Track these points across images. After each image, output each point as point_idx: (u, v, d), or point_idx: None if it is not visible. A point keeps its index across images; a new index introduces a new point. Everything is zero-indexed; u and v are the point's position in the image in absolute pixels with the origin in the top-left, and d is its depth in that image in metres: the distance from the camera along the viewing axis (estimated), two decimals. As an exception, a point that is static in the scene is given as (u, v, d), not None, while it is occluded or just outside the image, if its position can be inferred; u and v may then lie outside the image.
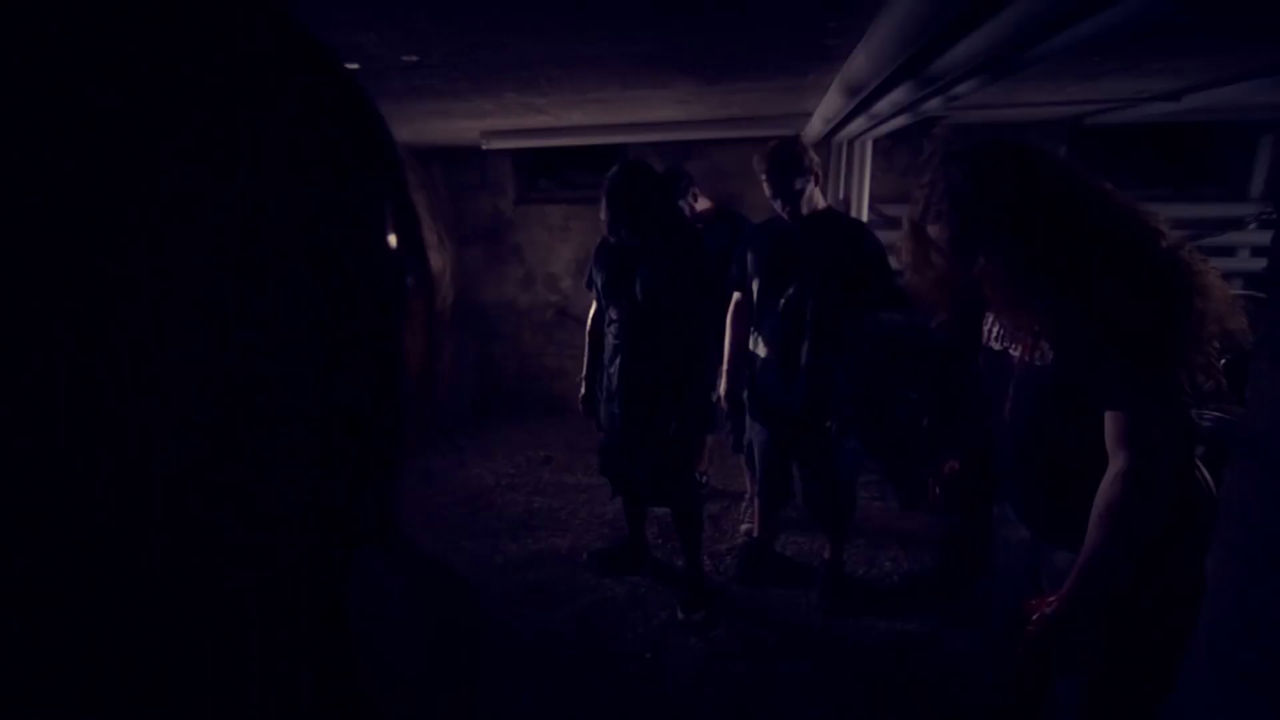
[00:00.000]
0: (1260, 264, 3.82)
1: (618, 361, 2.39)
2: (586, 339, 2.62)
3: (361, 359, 0.23)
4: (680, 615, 2.51)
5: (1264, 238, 3.80)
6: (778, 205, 2.32)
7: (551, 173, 4.82)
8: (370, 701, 0.26)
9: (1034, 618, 1.19)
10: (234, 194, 0.19)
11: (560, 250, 4.76)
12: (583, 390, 2.65)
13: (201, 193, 0.18)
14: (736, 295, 2.59)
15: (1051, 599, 1.19)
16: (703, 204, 3.12)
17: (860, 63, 1.53)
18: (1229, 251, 3.82)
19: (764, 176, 2.29)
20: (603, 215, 2.31)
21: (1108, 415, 1.19)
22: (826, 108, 2.44)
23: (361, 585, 0.28)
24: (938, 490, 1.73)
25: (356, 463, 0.25)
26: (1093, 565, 1.16)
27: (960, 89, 1.71)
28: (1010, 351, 1.39)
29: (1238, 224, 3.79)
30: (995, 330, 1.45)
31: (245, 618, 0.21)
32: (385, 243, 0.24)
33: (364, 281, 0.23)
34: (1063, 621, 1.16)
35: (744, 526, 3.12)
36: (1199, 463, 1.34)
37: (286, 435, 0.21)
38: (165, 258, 0.18)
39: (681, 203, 2.97)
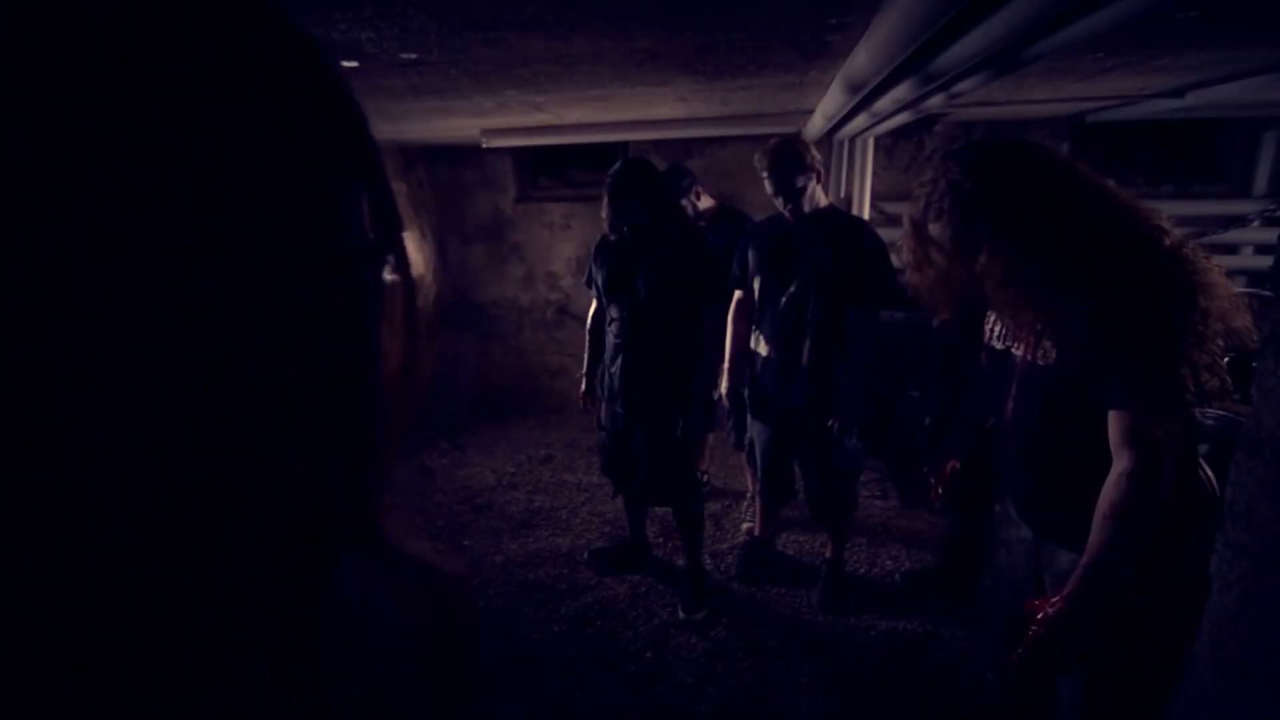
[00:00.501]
0: (1264, 261, 3.81)
1: (619, 361, 2.38)
2: (586, 337, 2.62)
3: (336, 355, 0.23)
4: (681, 614, 2.50)
5: (1268, 235, 3.78)
6: (779, 203, 2.32)
7: (552, 171, 4.82)
8: (334, 706, 0.26)
9: (1037, 618, 1.19)
10: (204, 184, 0.18)
11: (561, 249, 4.75)
12: (583, 386, 2.64)
13: (167, 182, 0.18)
14: (738, 293, 2.58)
15: (1054, 599, 1.18)
16: (705, 202, 3.11)
17: (861, 60, 1.52)
18: (1232, 249, 3.81)
19: (765, 174, 2.28)
20: (604, 213, 2.31)
21: (1111, 415, 1.18)
22: (828, 105, 2.43)
23: (351, 588, 0.27)
24: (939, 490, 1.72)
25: (335, 463, 0.24)
26: (1096, 565, 1.15)
27: (963, 86, 1.70)
28: (1013, 351, 1.39)
29: (1241, 221, 3.77)
30: (997, 330, 1.44)
31: (222, 618, 0.21)
32: (361, 235, 0.23)
33: (338, 275, 0.23)
34: (1066, 621, 1.15)
35: (745, 525, 3.12)
36: (1202, 462, 1.33)
37: (261, 431, 0.20)
38: (133, 251, 0.17)
39: (685, 201, 2.96)
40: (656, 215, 2.27)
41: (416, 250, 0.28)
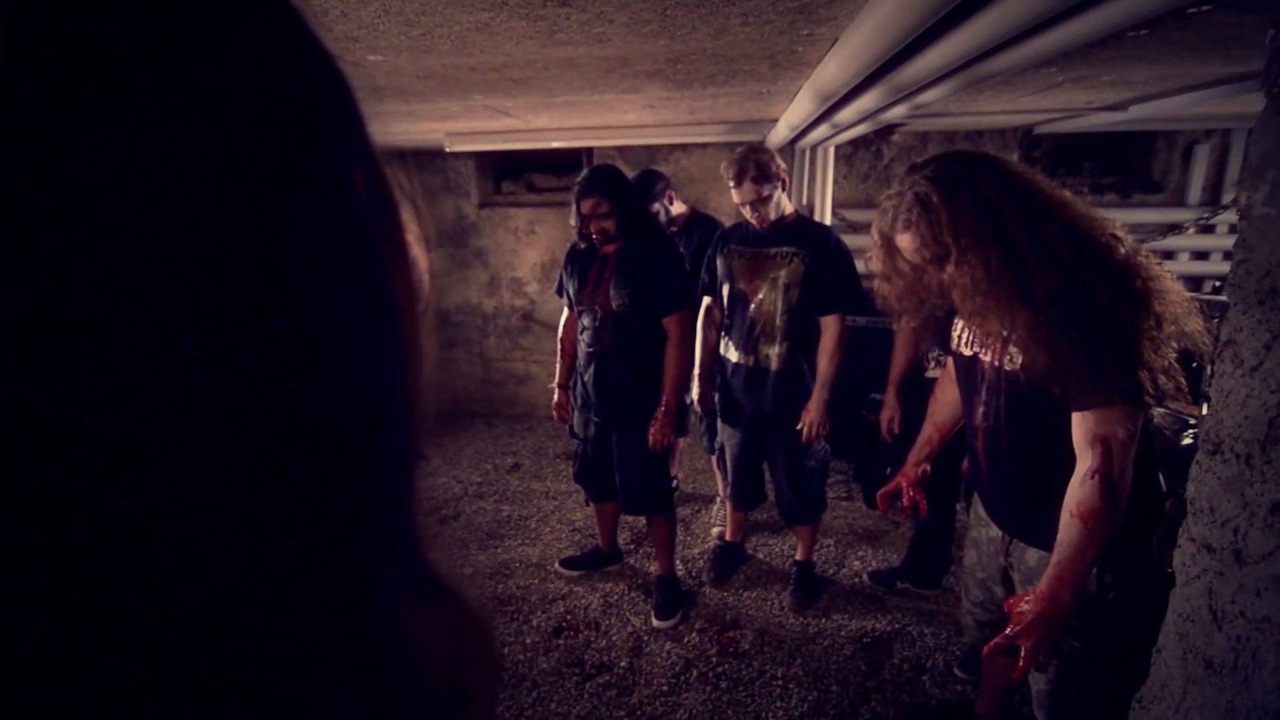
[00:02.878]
0: (1200, 267, 4.01)
1: (592, 369, 2.36)
2: (558, 345, 2.59)
3: (369, 334, 0.21)
4: (655, 621, 2.50)
5: (1203, 242, 4.00)
6: (746, 211, 2.34)
7: (515, 175, 4.77)
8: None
9: (1014, 614, 1.22)
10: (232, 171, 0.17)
11: (526, 254, 4.71)
12: (555, 398, 2.61)
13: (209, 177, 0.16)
14: (706, 300, 2.59)
15: (1028, 597, 1.21)
16: (678, 207, 3.11)
17: (832, 70, 1.55)
18: (1170, 255, 4.00)
19: (732, 183, 2.30)
20: (572, 220, 2.29)
21: (1075, 416, 1.23)
22: (793, 114, 2.47)
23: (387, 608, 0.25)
24: (911, 494, 1.75)
25: (377, 464, 0.23)
26: (1068, 563, 1.19)
27: (928, 96, 1.74)
28: (980, 357, 1.43)
29: (1177, 229, 3.97)
30: (965, 336, 1.48)
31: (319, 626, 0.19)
32: (360, 214, 0.22)
33: (357, 260, 0.21)
34: (1044, 618, 1.18)
35: (715, 529, 3.13)
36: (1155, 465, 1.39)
37: (323, 434, 0.19)
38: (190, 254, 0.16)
39: (659, 204, 2.94)
40: (625, 222, 2.26)
41: (410, 232, 0.27)
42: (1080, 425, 1.21)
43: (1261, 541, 0.85)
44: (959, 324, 1.50)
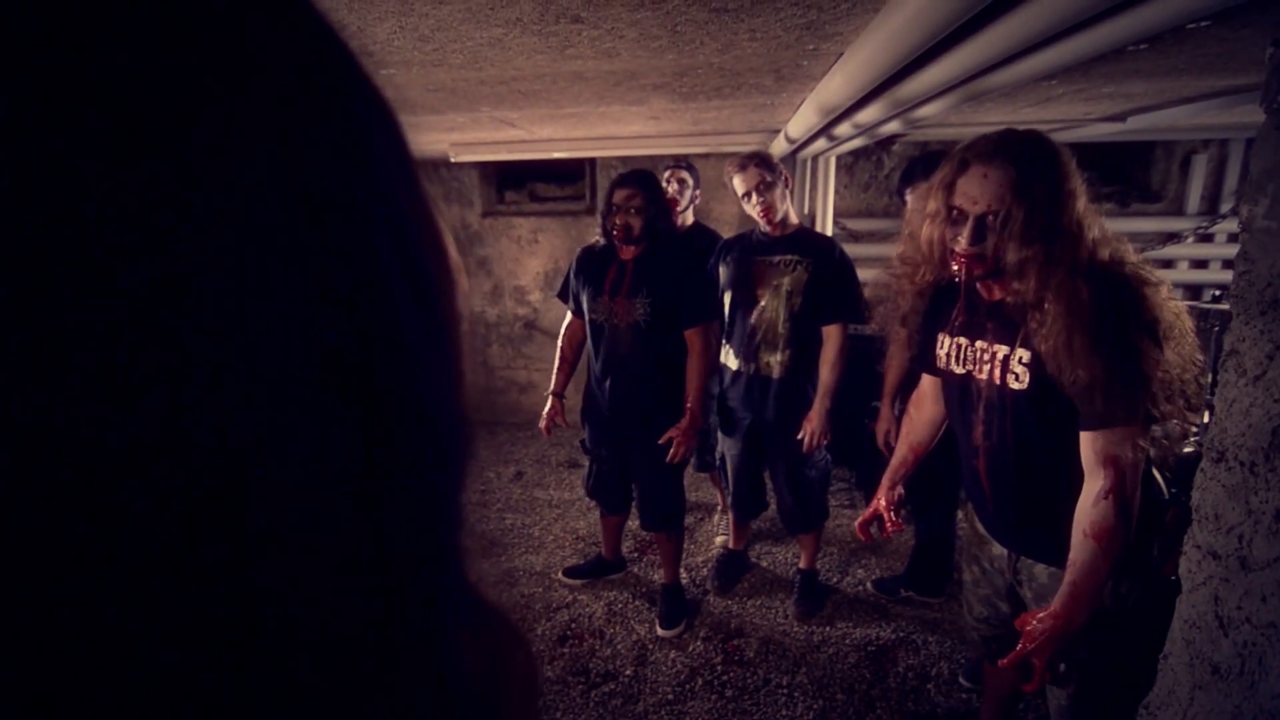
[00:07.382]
0: (1199, 276, 4.04)
1: (609, 381, 2.33)
2: (558, 353, 2.56)
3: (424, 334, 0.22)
4: (659, 630, 2.50)
5: (1202, 251, 4.03)
6: (752, 201, 2.31)
7: (518, 185, 4.80)
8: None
9: (1026, 630, 1.22)
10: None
11: (529, 263, 4.73)
12: (549, 405, 2.51)
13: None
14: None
15: (1042, 615, 1.21)
16: (687, 216, 3.12)
17: (837, 84, 1.57)
18: (1168, 264, 4.03)
19: (737, 169, 2.28)
20: (602, 207, 2.24)
21: (1085, 435, 1.22)
22: (795, 126, 2.50)
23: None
24: (891, 518, 1.75)
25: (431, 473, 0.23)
26: (1083, 581, 1.18)
27: (929, 109, 1.77)
28: (975, 375, 1.41)
29: (1176, 238, 4.00)
30: (954, 354, 1.46)
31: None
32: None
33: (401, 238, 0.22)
34: (1059, 635, 1.18)
35: (719, 539, 3.13)
36: (1154, 469, 1.39)
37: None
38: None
39: (690, 192, 2.92)
40: (651, 224, 2.21)
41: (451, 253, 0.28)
42: (1090, 445, 1.21)
43: (1266, 548, 0.86)
44: (945, 341, 1.47)
